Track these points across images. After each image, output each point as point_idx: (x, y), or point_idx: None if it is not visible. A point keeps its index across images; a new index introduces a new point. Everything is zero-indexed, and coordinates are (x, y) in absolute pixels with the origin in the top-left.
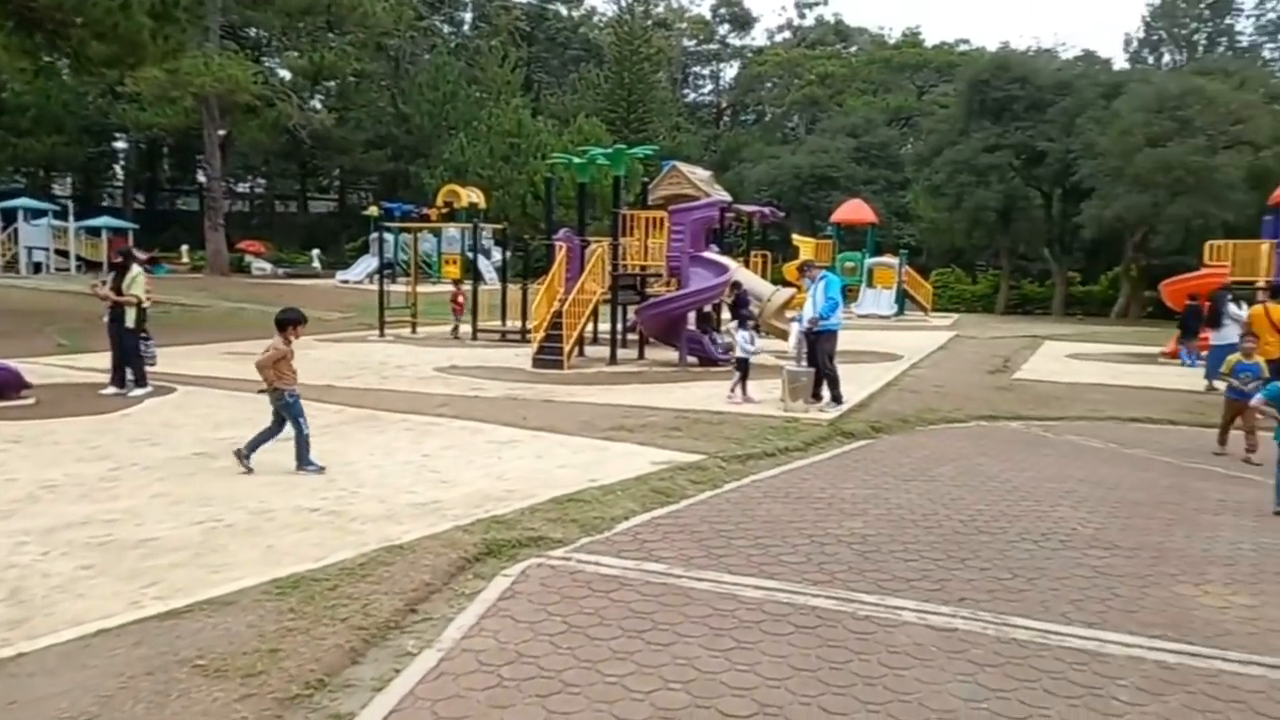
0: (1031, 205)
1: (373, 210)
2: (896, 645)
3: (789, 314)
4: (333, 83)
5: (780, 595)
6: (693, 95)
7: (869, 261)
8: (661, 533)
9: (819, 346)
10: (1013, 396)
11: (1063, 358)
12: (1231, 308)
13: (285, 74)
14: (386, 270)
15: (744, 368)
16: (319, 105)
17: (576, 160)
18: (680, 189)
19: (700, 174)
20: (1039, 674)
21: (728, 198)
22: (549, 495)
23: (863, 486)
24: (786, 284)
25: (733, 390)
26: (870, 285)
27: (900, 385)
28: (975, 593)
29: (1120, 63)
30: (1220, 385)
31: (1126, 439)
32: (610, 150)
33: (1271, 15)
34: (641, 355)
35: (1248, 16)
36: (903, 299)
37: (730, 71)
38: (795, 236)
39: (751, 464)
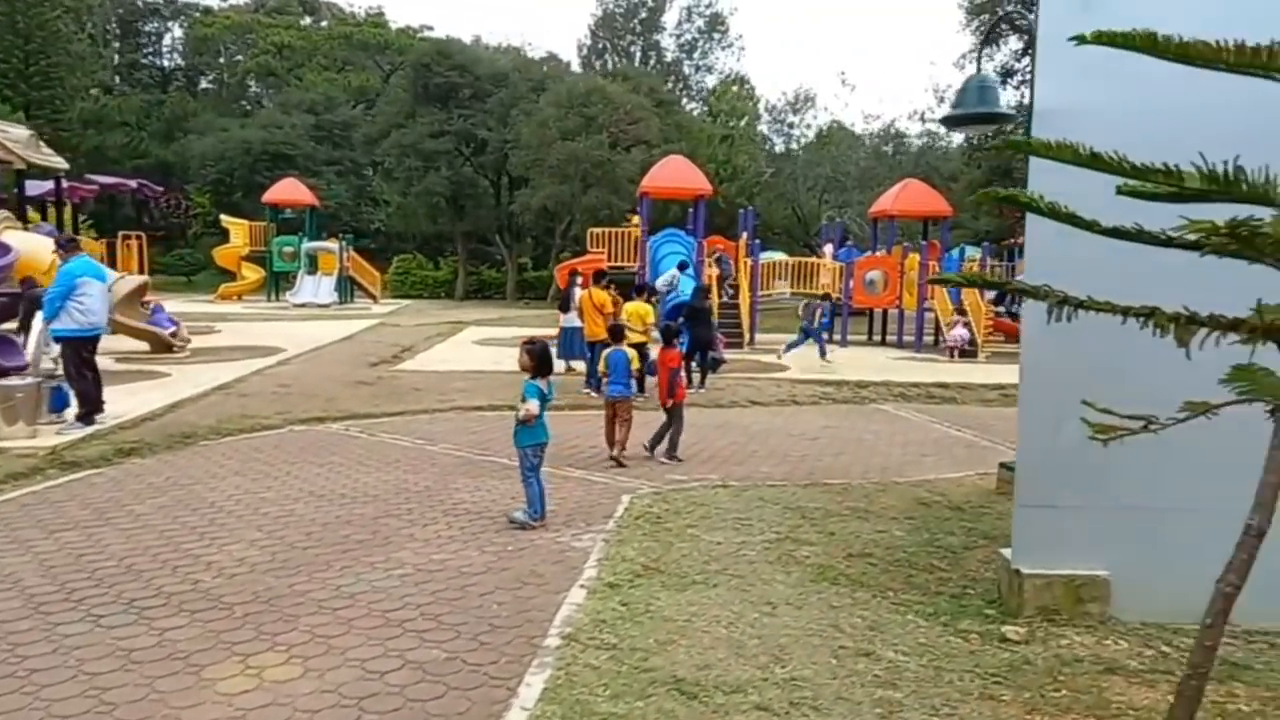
0: (481, 192)
1: None
2: None
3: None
4: None
5: None
6: (136, 54)
7: (307, 246)
8: None
9: (63, 353)
10: (368, 392)
11: (469, 344)
12: (577, 292)
13: None
14: None
15: None
16: None
17: None
18: None
19: (16, 133)
20: None
21: (61, 165)
22: None
23: None
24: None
25: None
26: (312, 272)
27: (235, 388)
28: None
29: (576, 67)
30: (577, 365)
31: (442, 433)
32: None
33: (688, 37)
34: None
35: (670, 35)
36: (347, 286)
37: (180, 32)
38: (224, 218)
39: None
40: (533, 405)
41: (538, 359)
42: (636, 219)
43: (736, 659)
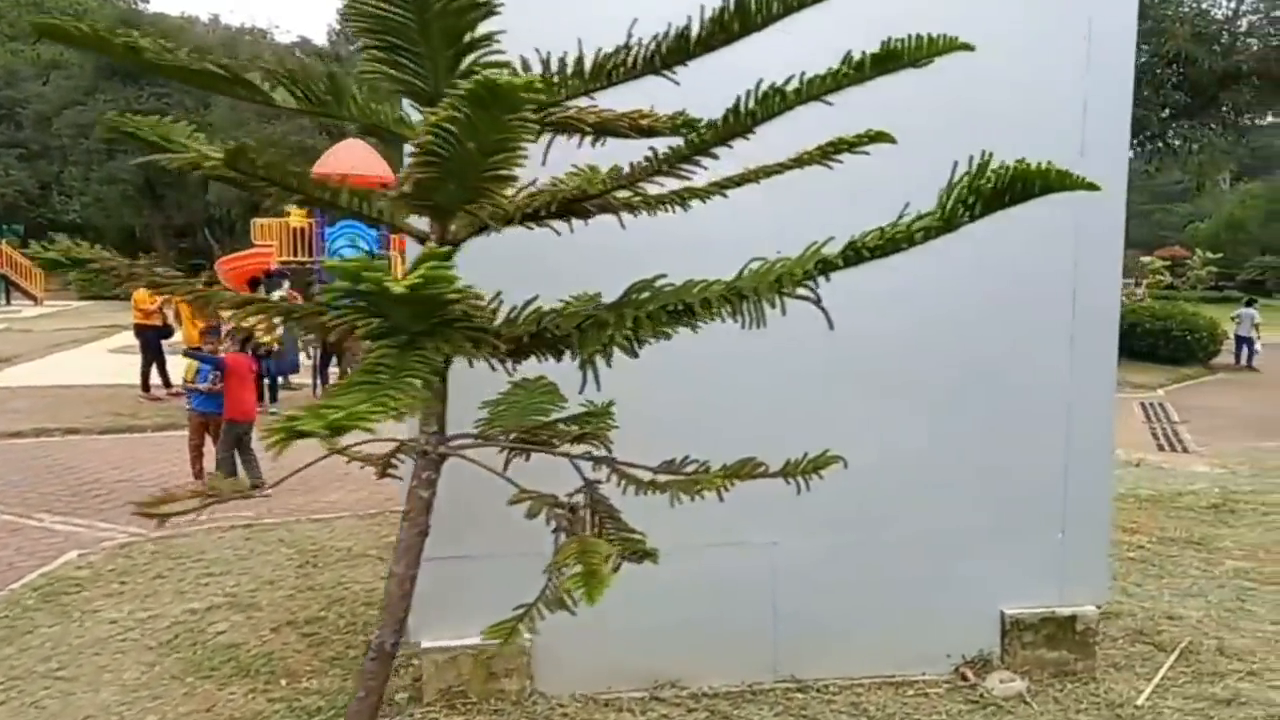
0: (189, 181)
1: None
2: None
3: None
4: None
5: None
6: None
7: None
8: None
9: None
10: None
11: (103, 351)
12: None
13: None
14: None
15: None
16: None
17: None
18: None
19: None
20: None
21: None
22: None
23: None
24: None
25: None
26: None
27: None
28: None
29: None
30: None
31: None
32: None
33: None
34: None
35: None
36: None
37: None
38: None
39: None
40: None
41: None
42: (292, 208)
43: None
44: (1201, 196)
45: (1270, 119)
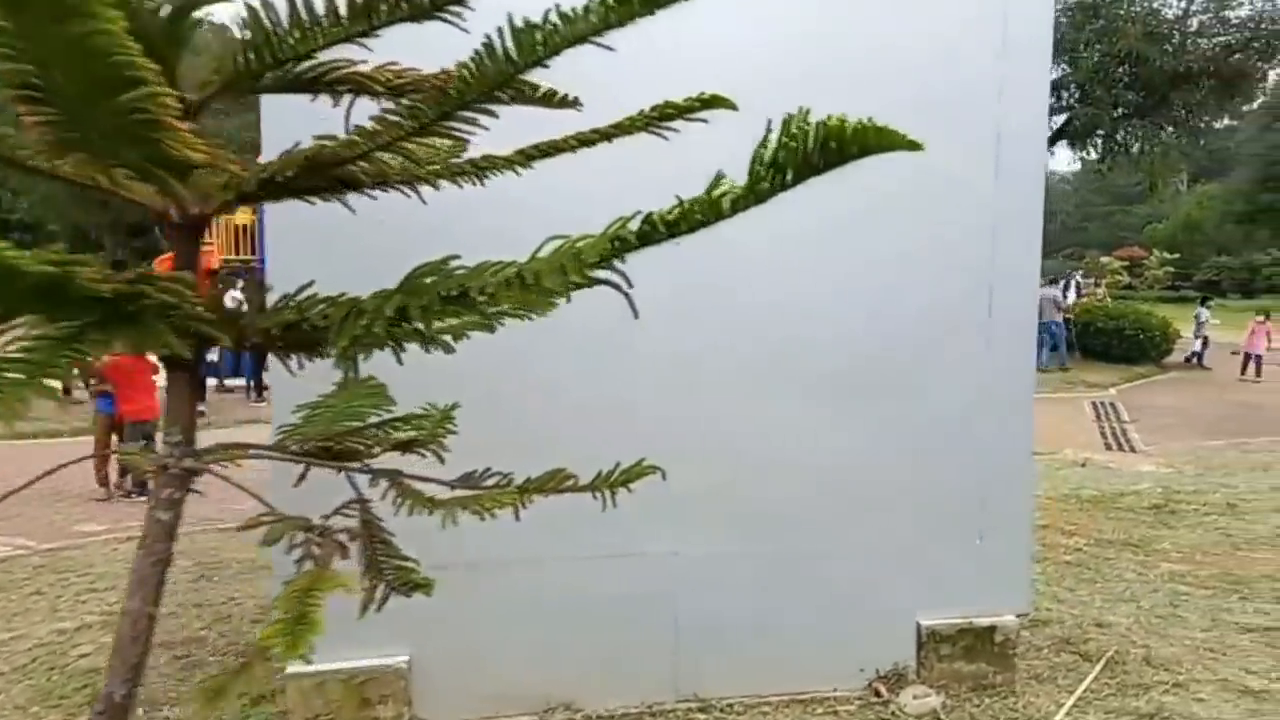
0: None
1: None
2: None
3: None
4: None
5: None
6: None
7: None
8: None
9: None
10: None
11: None
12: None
13: None
14: None
15: None
16: None
17: None
18: None
19: None
20: None
21: None
22: None
23: None
24: None
25: None
26: None
27: None
28: None
29: None
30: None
31: None
32: None
33: None
34: None
35: None
36: None
37: None
38: None
39: None
40: None
41: None
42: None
43: None
44: (1160, 198)
45: (1227, 121)
